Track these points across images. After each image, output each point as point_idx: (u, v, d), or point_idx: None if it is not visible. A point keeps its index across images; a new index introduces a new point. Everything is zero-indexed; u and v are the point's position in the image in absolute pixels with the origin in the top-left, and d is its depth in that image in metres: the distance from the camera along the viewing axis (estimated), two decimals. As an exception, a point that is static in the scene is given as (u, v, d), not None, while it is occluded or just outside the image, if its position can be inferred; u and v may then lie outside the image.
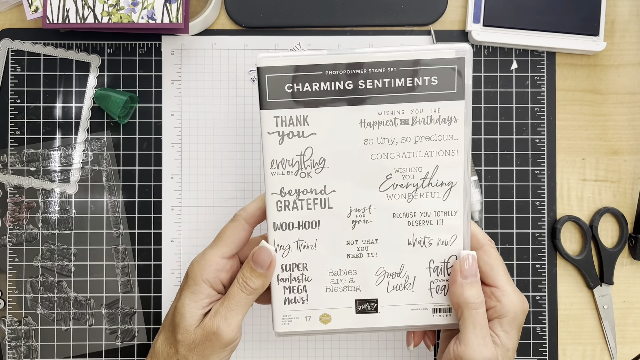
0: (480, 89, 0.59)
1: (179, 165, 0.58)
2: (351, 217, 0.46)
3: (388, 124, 0.45)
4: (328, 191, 0.46)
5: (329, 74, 0.44)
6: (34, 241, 0.58)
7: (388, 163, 0.45)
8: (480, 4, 0.57)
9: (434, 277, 0.47)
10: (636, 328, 0.59)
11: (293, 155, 0.45)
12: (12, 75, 0.58)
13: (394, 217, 0.46)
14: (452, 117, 0.45)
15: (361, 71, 0.44)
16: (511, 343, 0.46)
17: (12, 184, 0.58)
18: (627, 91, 0.59)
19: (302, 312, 0.47)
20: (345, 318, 0.47)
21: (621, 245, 0.59)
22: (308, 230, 0.46)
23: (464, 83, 0.44)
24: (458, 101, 0.45)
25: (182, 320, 0.46)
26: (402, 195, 0.46)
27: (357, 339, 0.58)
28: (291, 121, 0.45)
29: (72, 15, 0.54)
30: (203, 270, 0.46)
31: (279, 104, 0.45)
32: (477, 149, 0.59)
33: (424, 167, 0.45)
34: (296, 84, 0.44)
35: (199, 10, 0.58)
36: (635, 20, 0.60)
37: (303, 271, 0.46)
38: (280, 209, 0.46)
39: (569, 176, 0.59)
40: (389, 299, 0.47)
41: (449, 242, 0.46)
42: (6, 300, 0.58)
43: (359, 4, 0.58)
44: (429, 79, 0.44)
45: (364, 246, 0.46)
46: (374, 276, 0.46)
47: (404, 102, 0.44)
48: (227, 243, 0.47)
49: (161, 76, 0.59)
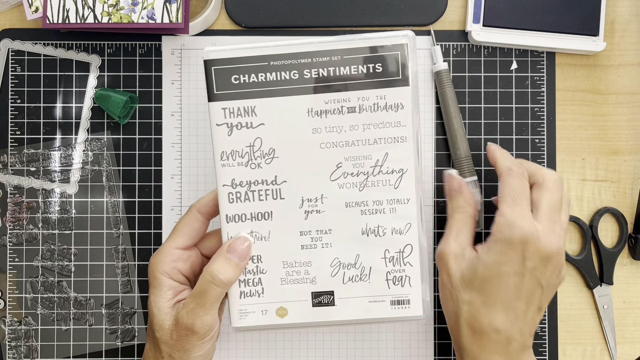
0: (480, 89, 0.59)
1: (179, 165, 0.58)
2: (303, 208, 0.46)
3: (335, 112, 0.45)
4: (279, 181, 0.46)
5: (275, 64, 0.44)
6: (34, 241, 0.58)
7: (337, 152, 0.45)
8: (480, 4, 0.57)
9: (390, 268, 0.46)
10: (636, 328, 0.59)
11: (242, 146, 0.45)
12: (12, 76, 0.58)
13: (347, 206, 0.46)
14: (399, 104, 0.45)
15: (306, 60, 0.44)
16: (489, 257, 0.46)
17: (12, 184, 0.58)
18: (627, 91, 0.59)
19: (258, 306, 0.46)
20: (302, 311, 0.46)
21: (621, 245, 0.59)
22: (261, 222, 0.46)
23: (408, 69, 0.44)
24: (404, 87, 0.45)
25: (153, 318, 0.47)
26: (353, 184, 0.46)
27: (357, 332, 0.58)
28: (239, 112, 0.45)
29: (72, 16, 0.54)
30: (159, 264, 0.47)
31: (226, 95, 0.45)
32: (477, 149, 0.59)
33: (374, 155, 0.45)
34: (242, 75, 0.45)
35: (199, 10, 0.58)
36: (635, 20, 0.60)
37: (257, 263, 0.46)
38: (232, 201, 0.46)
39: (569, 176, 0.59)
40: (345, 291, 0.46)
41: (404, 230, 0.46)
42: (6, 300, 0.58)
43: (359, 4, 0.58)
44: (373, 66, 0.44)
45: (317, 237, 0.46)
46: (329, 267, 0.46)
47: (350, 90, 0.45)
48: (180, 234, 0.47)
49: (161, 76, 0.59)
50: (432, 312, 0.50)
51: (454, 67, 0.59)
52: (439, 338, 0.58)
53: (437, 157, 0.58)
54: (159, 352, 0.47)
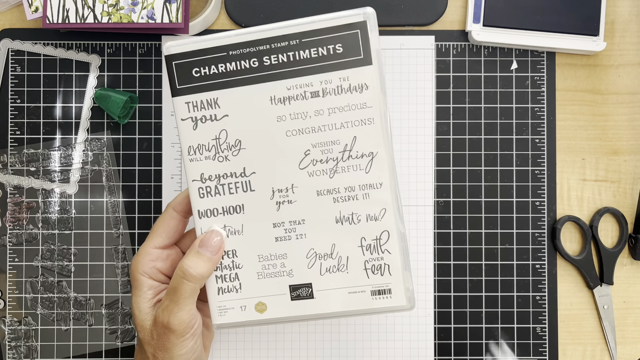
0: (480, 89, 0.59)
1: (179, 165, 0.58)
2: (275, 199, 0.45)
3: (299, 98, 0.44)
4: (248, 173, 0.45)
5: (233, 54, 0.44)
6: (34, 241, 0.58)
7: (304, 139, 0.44)
8: (480, 4, 0.57)
9: (367, 256, 0.45)
10: (636, 328, 0.59)
11: (208, 139, 0.45)
12: (12, 75, 0.58)
13: (318, 194, 0.44)
14: (363, 84, 0.43)
15: (264, 47, 0.43)
16: None
17: (12, 184, 0.58)
18: (627, 91, 0.59)
19: (236, 302, 0.46)
20: (281, 306, 0.45)
21: (621, 246, 0.59)
22: (233, 216, 0.45)
23: (369, 47, 0.43)
24: (367, 67, 0.43)
25: (136, 319, 0.47)
26: (323, 171, 0.44)
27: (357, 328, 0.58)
28: (202, 105, 0.44)
29: (72, 15, 0.54)
30: (138, 265, 0.47)
31: (188, 89, 0.44)
32: (477, 149, 0.59)
33: (342, 140, 0.44)
34: (202, 67, 0.44)
35: (199, 10, 0.58)
36: (635, 20, 0.60)
37: (233, 258, 0.45)
38: (203, 196, 0.45)
39: (569, 176, 0.59)
40: (323, 283, 0.45)
41: (379, 216, 0.44)
42: (6, 300, 0.58)
43: (358, 4, 0.58)
44: (333, 47, 0.43)
45: (291, 228, 0.45)
46: (305, 259, 0.45)
47: (312, 73, 0.43)
48: (157, 233, 0.47)
49: (161, 76, 0.59)
50: (416, 302, 0.48)
51: (454, 67, 0.59)
52: (439, 338, 0.58)
53: (437, 157, 0.58)
54: (144, 352, 0.47)
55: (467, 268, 0.58)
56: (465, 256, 0.58)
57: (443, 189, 0.58)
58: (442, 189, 0.58)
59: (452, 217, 0.58)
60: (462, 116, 0.58)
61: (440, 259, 0.58)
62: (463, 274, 0.58)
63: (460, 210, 0.58)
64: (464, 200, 0.58)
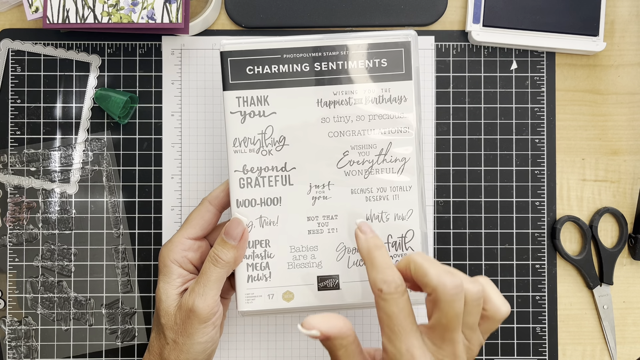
0: (480, 89, 0.59)
1: (179, 165, 0.58)
2: (311, 194, 0.47)
3: (343, 103, 0.47)
4: (289, 168, 0.47)
5: (287, 57, 0.47)
6: (34, 241, 0.58)
7: (344, 140, 0.47)
8: (480, 4, 0.57)
9: (392, 252, 0.48)
10: (636, 328, 0.59)
11: (255, 133, 0.47)
12: (12, 76, 0.59)
13: (352, 193, 0.48)
14: (402, 97, 0.47)
15: (317, 54, 0.47)
16: None
17: (12, 184, 0.58)
18: (627, 91, 0.59)
19: (265, 290, 0.48)
20: (308, 295, 0.48)
21: (621, 245, 0.59)
22: (270, 207, 0.48)
23: (411, 64, 0.47)
24: (407, 81, 0.47)
25: (161, 304, 0.48)
26: (359, 172, 0.48)
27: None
28: (252, 101, 0.47)
29: (72, 16, 0.54)
30: (170, 252, 0.49)
31: (240, 85, 0.47)
32: (477, 149, 0.59)
33: (379, 144, 0.47)
34: (256, 66, 0.47)
35: (199, 10, 0.58)
36: (635, 20, 0.60)
37: (265, 247, 0.48)
38: (243, 186, 0.48)
39: (569, 176, 0.59)
40: (349, 275, 0.48)
41: (406, 216, 0.48)
42: (6, 300, 0.58)
43: (358, 4, 0.58)
44: (379, 61, 0.47)
45: (324, 222, 0.48)
46: (334, 252, 0.48)
47: (357, 82, 0.47)
48: (192, 225, 0.49)
49: (161, 76, 0.59)
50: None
51: (454, 67, 0.59)
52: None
53: (437, 157, 0.58)
54: (163, 338, 0.48)
55: (467, 268, 0.58)
56: (465, 256, 0.58)
57: (443, 189, 0.59)
58: (442, 189, 0.58)
59: (452, 217, 0.58)
60: (462, 116, 0.58)
61: (440, 259, 0.58)
62: (463, 274, 0.58)
63: (460, 210, 0.58)
64: (463, 201, 0.58)
